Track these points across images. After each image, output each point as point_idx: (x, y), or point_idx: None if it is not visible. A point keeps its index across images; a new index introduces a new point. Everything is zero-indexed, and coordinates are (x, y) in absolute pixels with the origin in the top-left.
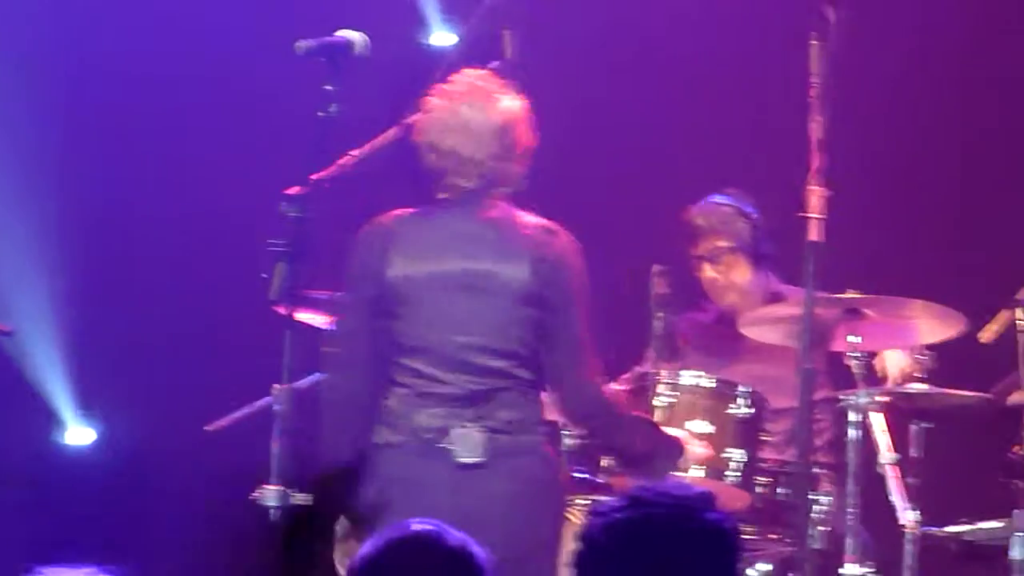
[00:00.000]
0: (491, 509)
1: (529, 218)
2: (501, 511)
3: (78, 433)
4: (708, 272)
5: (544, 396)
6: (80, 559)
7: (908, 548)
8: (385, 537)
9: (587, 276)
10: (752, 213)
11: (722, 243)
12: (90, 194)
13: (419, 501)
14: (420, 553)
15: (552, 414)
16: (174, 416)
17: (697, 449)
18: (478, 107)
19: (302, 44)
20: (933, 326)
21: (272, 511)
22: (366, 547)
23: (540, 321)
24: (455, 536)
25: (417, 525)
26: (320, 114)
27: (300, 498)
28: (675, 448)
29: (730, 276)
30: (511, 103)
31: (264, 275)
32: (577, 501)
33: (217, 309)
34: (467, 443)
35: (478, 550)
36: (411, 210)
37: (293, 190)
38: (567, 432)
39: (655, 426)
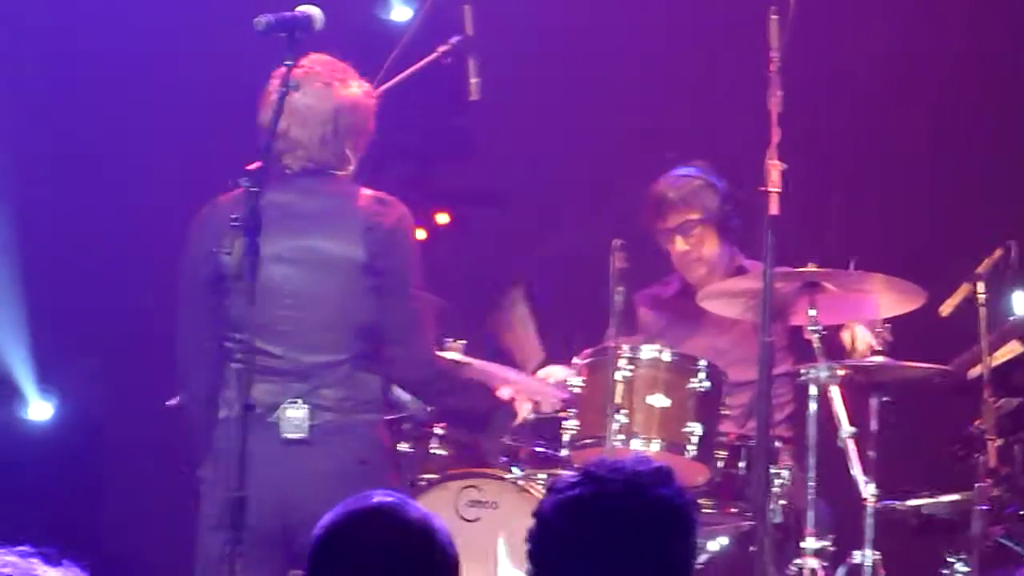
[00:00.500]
0: (311, 486)
1: (363, 192)
2: (320, 489)
3: (38, 408)
4: (679, 245)
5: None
6: (36, 536)
7: (868, 521)
8: (346, 508)
9: (417, 244)
10: (721, 185)
11: (693, 215)
12: (52, 169)
13: (247, 474)
14: (381, 525)
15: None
16: (134, 391)
17: (524, 412)
18: (311, 92)
19: (261, 20)
20: (893, 300)
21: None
22: (327, 517)
23: (373, 292)
24: (416, 509)
25: (379, 497)
26: (281, 90)
27: None
28: (509, 412)
29: (700, 249)
30: (348, 90)
31: (226, 252)
32: (538, 476)
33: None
34: (292, 419)
35: (440, 523)
36: (244, 189)
37: (253, 165)
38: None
39: (488, 388)
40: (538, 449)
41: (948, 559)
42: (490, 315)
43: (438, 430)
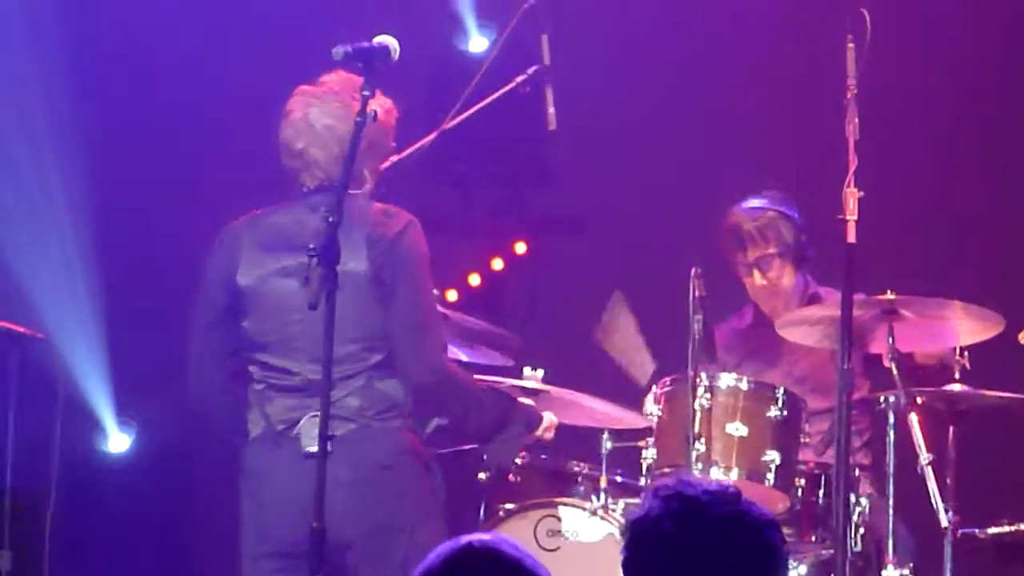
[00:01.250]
0: (335, 495)
1: (373, 207)
2: (344, 496)
3: (118, 440)
4: (757, 279)
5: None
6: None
7: (948, 549)
8: (443, 551)
9: (428, 252)
10: (795, 215)
11: (771, 250)
12: (126, 197)
13: (267, 490)
14: (477, 568)
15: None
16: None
17: (549, 419)
18: (327, 110)
19: (339, 50)
20: (971, 327)
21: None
22: (426, 561)
23: (382, 302)
24: (512, 547)
25: (471, 538)
26: (358, 119)
27: None
28: (532, 416)
29: (778, 282)
30: (353, 101)
31: (304, 279)
32: (616, 505)
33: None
34: (312, 432)
35: (535, 563)
36: (260, 210)
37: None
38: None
39: (507, 396)
40: (617, 478)
41: None
42: (595, 329)
43: (517, 460)
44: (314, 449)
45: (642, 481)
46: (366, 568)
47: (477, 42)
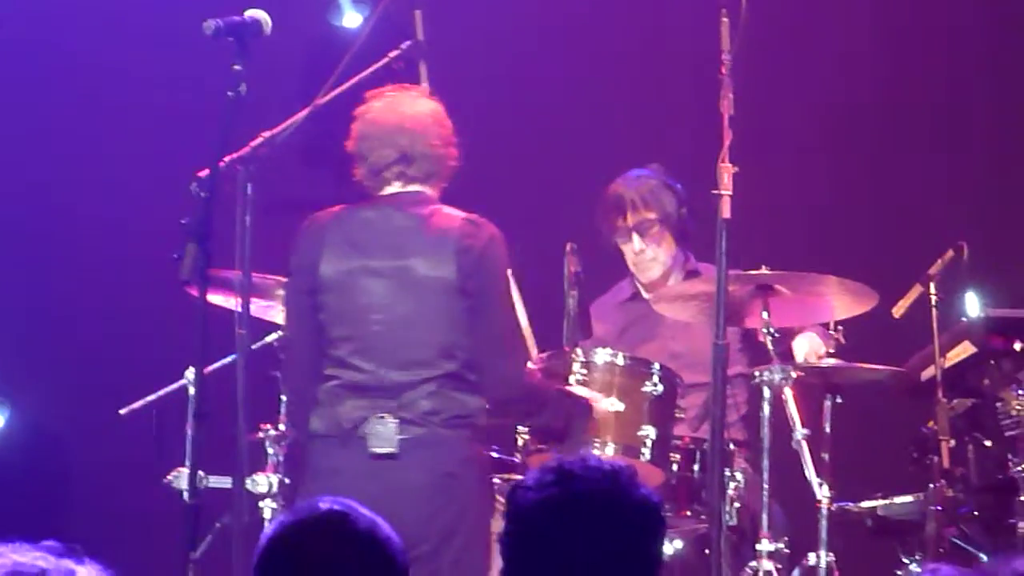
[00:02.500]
0: (400, 500)
1: (455, 212)
2: (409, 502)
3: None
4: (636, 244)
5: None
6: None
7: (822, 524)
8: (293, 516)
9: (510, 265)
10: (678, 187)
11: (651, 215)
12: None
13: (333, 490)
14: (329, 533)
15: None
16: (87, 400)
17: (606, 406)
18: (404, 114)
19: (210, 24)
20: (846, 301)
21: (185, 494)
22: (273, 525)
23: (464, 312)
24: (365, 517)
25: (326, 504)
26: (229, 94)
27: (213, 481)
28: (587, 411)
29: (656, 249)
30: (421, 106)
31: (176, 256)
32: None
33: (130, 291)
34: (381, 433)
35: (388, 532)
36: (347, 206)
37: (203, 171)
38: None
39: (567, 397)
40: (492, 455)
41: (903, 560)
42: None
43: None
44: (382, 450)
45: (517, 457)
46: (418, 570)
47: (351, 17)
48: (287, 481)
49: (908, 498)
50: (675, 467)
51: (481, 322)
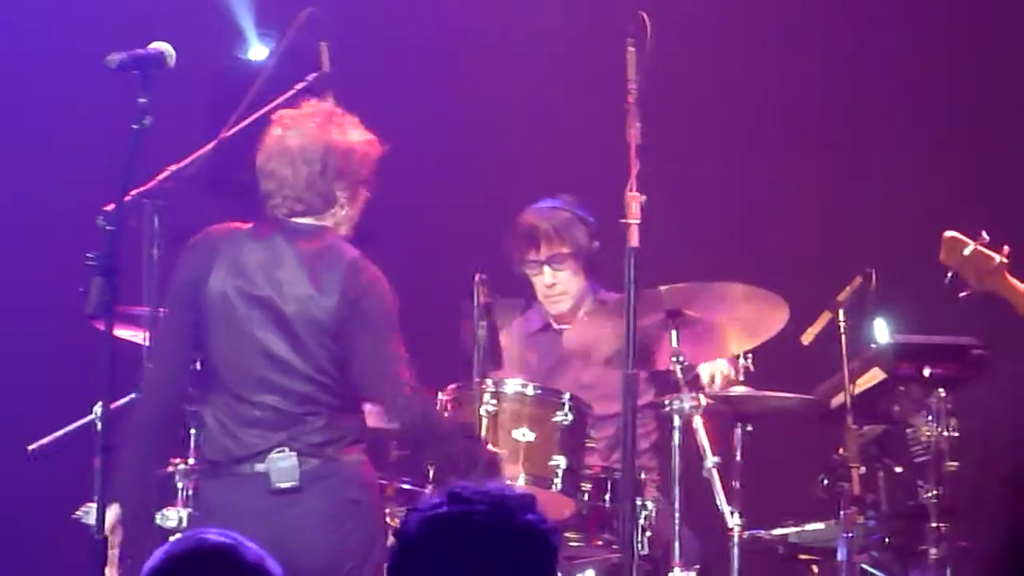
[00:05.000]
0: (307, 532)
1: (346, 250)
2: (316, 533)
3: None
4: (547, 277)
5: (359, 415)
6: None
7: (735, 551)
8: (177, 547)
9: (395, 301)
10: (590, 220)
11: (564, 249)
12: None
13: (232, 526)
14: (215, 567)
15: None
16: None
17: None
18: (308, 138)
19: (114, 57)
20: (755, 313)
21: (93, 528)
22: (155, 557)
23: (347, 348)
24: (252, 551)
25: (212, 536)
26: (134, 127)
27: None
28: (494, 461)
29: (567, 283)
30: (344, 136)
31: (82, 290)
32: (399, 512)
33: (35, 326)
34: (282, 468)
35: (274, 565)
36: (240, 227)
37: (109, 205)
38: (393, 444)
39: (477, 438)
40: (404, 486)
41: None
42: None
43: None
44: (285, 485)
45: (428, 489)
46: None
47: (257, 50)
48: (196, 514)
49: (819, 525)
50: (586, 497)
51: (371, 356)
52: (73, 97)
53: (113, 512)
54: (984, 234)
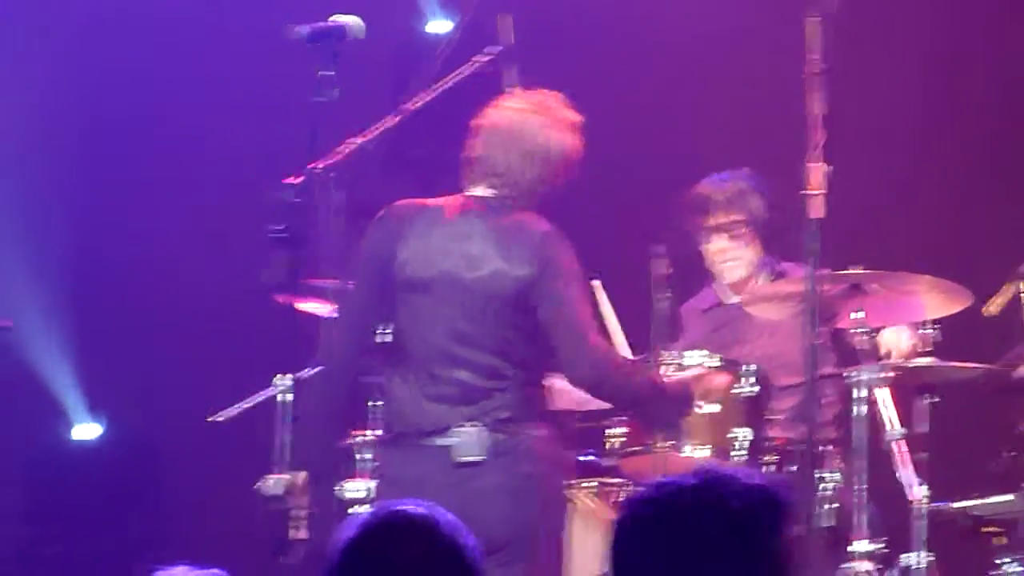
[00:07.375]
0: (486, 505)
1: (538, 222)
2: (494, 506)
3: (85, 429)
4: (720, 243)
5: (542, 390)
6: (95, 554)
7: (917, 523)
8: (374, 518)
9: (580, 268)
10: (766, 191)
11: (737, 216)
12: (91, 190)
13: (419, 498)
14: (414, 538)
15: (557, 405)
16: (178, 409)
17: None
18: (531, 128)
19: (297, 30)
20: (939, 300)
21: (275, 500)
22: (353, 526)
23: (541, 317)
24: (449, 521)
25: (409, 507)
26: (318, 99)
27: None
28: (687, 395)
29: (742, 251)
30: (562, 136)
31: (265, 265)
32: (583, 484)
33: (219, 300)
34: (468, 441)
35: (468, 536)
36: (428, 202)
37: (292, 178)
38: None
39: (662, 381)
40: (584, 458)
41: (999, 561)
42: None
43: None
44: (468, 459)
45: (608, 460)
46: (502, 572)
47: (438, 23)
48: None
49: (1004, 497)
50: (768, 468)
51: (561, 321)
52: (256, 70)
53: (301, 478)
54: None
